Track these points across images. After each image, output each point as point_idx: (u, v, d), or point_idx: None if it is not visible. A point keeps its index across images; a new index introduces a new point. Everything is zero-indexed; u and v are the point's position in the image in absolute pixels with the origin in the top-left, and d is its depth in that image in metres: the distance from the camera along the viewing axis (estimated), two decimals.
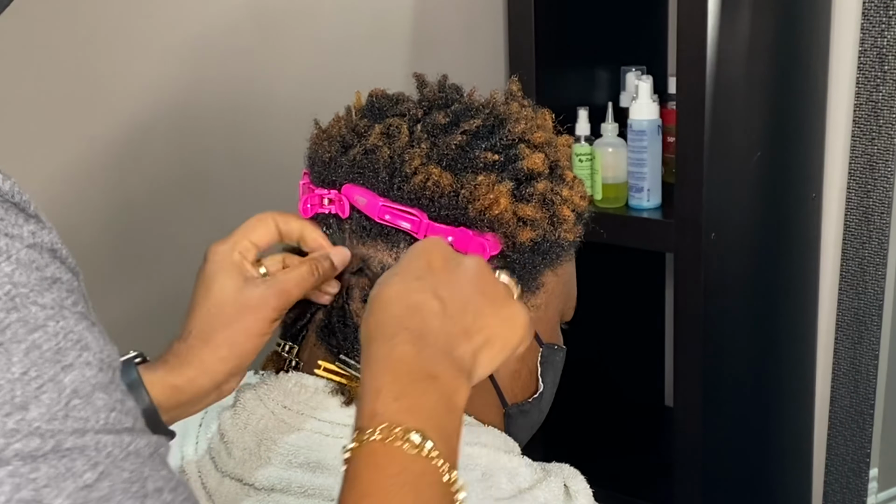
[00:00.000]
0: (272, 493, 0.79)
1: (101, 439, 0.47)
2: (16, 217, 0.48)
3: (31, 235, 0.48)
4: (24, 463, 0.44)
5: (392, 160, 0.81)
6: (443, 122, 0.82)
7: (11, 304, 0.46)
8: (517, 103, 0.87)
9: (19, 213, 0.48)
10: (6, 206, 0.48)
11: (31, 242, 0.48)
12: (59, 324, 0.47)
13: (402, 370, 0.62)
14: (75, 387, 0.47)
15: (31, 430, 0.45)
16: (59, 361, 0.47)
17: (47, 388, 0.46)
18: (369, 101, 0.87)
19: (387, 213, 0.80)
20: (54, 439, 0.45)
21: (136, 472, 0.48)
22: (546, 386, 0.88)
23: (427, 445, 0.58)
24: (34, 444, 0.45)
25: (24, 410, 0.45)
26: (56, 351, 0.47)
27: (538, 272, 0.84)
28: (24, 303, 0.46)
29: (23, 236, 0.48)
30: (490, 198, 0.80)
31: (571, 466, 0.83)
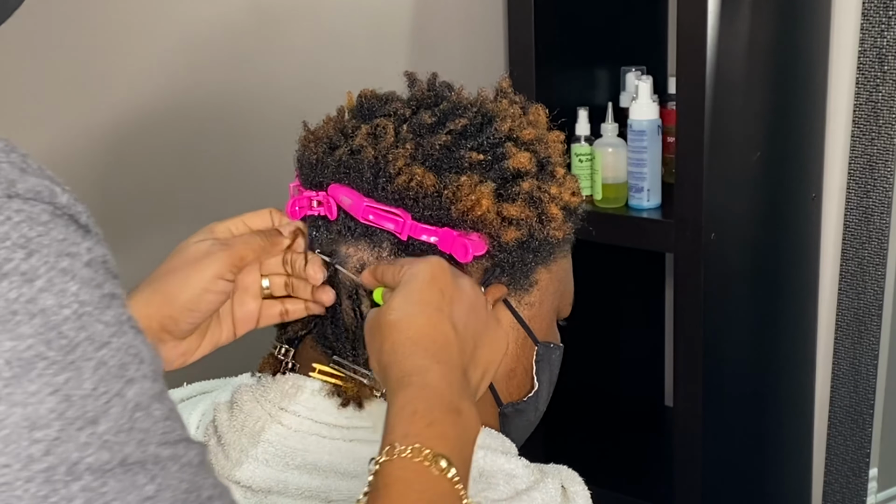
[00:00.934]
0: (269, 494, 0.79)
1: (160, 452, 0.50)
2: (75, 234, 0.50)
3: (88, 252, 0.50)
4: (95, 477, 0.47)
5: (377, 160, 0.81)
6: (429, 122, 0.82)
7: (80, 322, 0.48)
8: (507, 100, 0.87)
9: (77, 228, 0.50)
10: (66, 222, 0.49)
11: (88, 259, 0.50)
12: (121, 339, 0.50)
13: (435, 401, 0.68)
14: (137, 400, 0.49)
15: (101, 444, 0.47)
16: (122, 376, 0.49)
17: (114, 403, 0.48)
18: (359, 101, 0.87)
19: (371, 213, 0.80)
20: (122, 453, 0.48)
21: (192, 482, 0.51)
22: (542, 384, 0.87)
23: (452, 471, 0.64)
24: (104, 457, 0.47)
25: (94, 424, 0.47)
26: (120, 366, 0.49)
27: (530, 270, 0.84)
28: (90, 321, 0.48)
29: (81, 254, 0.49)
30: (472, 199, 0.79)
31: (569, 468, 0.82)
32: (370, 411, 0.81)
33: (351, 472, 0.78)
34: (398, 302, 0.73)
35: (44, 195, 0.49)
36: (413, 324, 0.72)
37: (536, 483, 0.78)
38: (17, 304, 0.46)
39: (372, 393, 0.81)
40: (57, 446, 0.46)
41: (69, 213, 0.50)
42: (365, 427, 0.81)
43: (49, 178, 0.50)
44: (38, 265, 0.47)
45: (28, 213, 0.48)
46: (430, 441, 0.65)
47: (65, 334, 0.47)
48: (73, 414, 0.47)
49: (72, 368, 0.47)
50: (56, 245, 0.48)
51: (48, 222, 0.48)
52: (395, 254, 0.81)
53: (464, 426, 0.68)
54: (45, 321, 0.47)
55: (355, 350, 0.82)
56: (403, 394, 0.68)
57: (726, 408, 1.64)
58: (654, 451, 1.96)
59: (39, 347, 0.46)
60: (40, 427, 0.46)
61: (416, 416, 0.66)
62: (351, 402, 0.81)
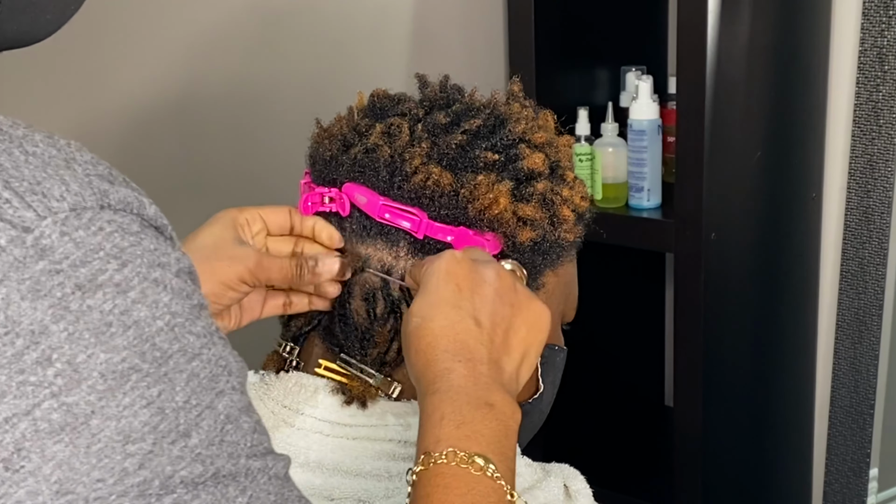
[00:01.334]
0: None
1: (250, 465, 0.50)
2: (164, 244, 0.49)
3: (177, 262, 0.50)
4: (187, 490, 0.47)
5: (392, 159, 0.81)
6: (443, 122, 0.83)
7: (172, 334, 0.48)
8: (518, 104, 0.87)
9: (166, 239, 0.50)
10: (154, 233, 0.49)
11: (177, 269, 0.49)
12: (211, 351, 0.50)
13: (462, 400, 0.67)
14: (227, 412, 0.50)
15: (194, 457, 0.47)
16: (213, 388, 0.49)
17: (206, 415, 0.48)
18: (371, 100, 0.87)
19: (387, 211, 0.80)
20: (214, 466, 0.48)
21: (279, 495, 0.51)
22: (546, 386, 0.87)
23: (490, 468, 0.64)
24: (197, 470, 0.47)
25: (187, 437, 0.47)
26: (210, 378, 0.49)
27: (538, 273, 0.84)
28: (182, 333, 0.48)
29: (171, 264, 0.49)
30: (490, 197, 0.80)
31: (572, 467, 0.83)
32: (374, 411, 0.81)
33: (354, 471, 0.79)
34: (416, 307, 0.72)
35: (133, 206, 0.49)
36: (432, 327, 0.71)
37: (539, 482, 0.78)
38: (111, 316, 0.46)
39: (377, 393, 0.81)
40: (151, 460, 0.46)
41: (155, 224, 0.50)
42: (369, 425, 0.81)
43: (136, 189, 0.50)
44: (132, 276, 0.47)
45: (119, 223, 0.47)
46: (462, 442, 0.64)
47: (158, 346, 0.47)
48: (166, 427, 0.47)
49: (165, 381, 0.47)
50: (148, 255, 0.48)
51: (139, 232, 0.48)
52: (411, 253, 0.81)
53: (498, 419, 0.67)
54: (139, 333, 0.47)
55: (364, 349, 0.82)
56: (430, 401, 0.68)
57: (726, 408, 1.64)
58: (654, 451, 1.96)
59: (134, 360, 0.46)
60: (134, 440, 0.46)
61: (444, 420, 0.66)
62: (355, 400, 0.81)
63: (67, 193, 0.46)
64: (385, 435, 0.80)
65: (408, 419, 0.81)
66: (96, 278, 0.46)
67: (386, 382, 0.81)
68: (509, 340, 0.73)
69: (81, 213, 0.46)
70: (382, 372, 0.82)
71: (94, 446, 0.45)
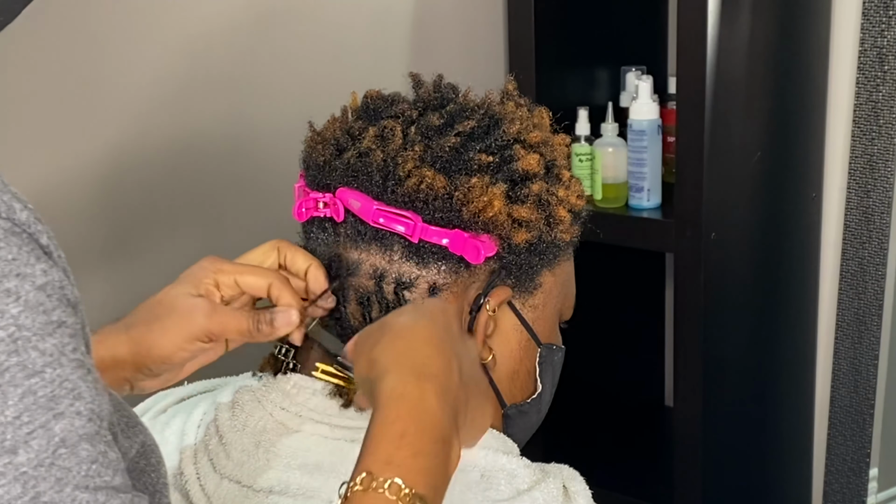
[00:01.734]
0: (270, 495, 0.78)
1: (77, 496, 0.47)
2: (28, 255, 0.47)
3: (43, 274, 0.48)
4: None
5: (386, 163, 0.81)
6: (437, 124, 0.82)
7: (13, 346, 0.46)
8: (513, 103, 0.87)
9: (34, 248, 0.48)
10: (21, 241, 0.48)
11: (41, 283, 0.48)
12: (55, 371, 0.48)
13: (428, 426, 0.65)
14: (63, 436, 0.47)
15: (17, 475, 0.45)
16: (51, 409, 0.47)
17: (37, 434, 0.46)
18: (364, 102, 0.87)
19: (381, 216, 0.80)
20: (35, 489, 0.46)
21: None
22: (544, 386, 0.87)
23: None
24: (16, 491, 0.45)
25: (12, 454, 0.45)
26: (50, 398, 0.47)
27: (535, 272, 0.84)
28: (25, 346, 0.46)
29: (34, 275, 0.47)
30: (484, 200, 0.79)
31: (571, 467, 0.82)
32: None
33: None
34: (408, 308, 0.72)
35: (0, 210, 0.47)
36: (420, 330, 0.70)
37: (538, 483, 0.78)
38: None
39: None
40: None
41: (28, 231, 0.48)
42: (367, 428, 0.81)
43: (11, 193, 0.48)
44: None
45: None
46: (412, 476, 0.61)
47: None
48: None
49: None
50: (3, 265, 0.46)
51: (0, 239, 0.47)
52: (406, 257, 0.81)
53: (448, 461, 0.65)
54: None
55: None
56: (395, 406, 0.65)
57: (726, 408, 1.64)
58: (654, 451, 1.96)
59: None
60: None
61: (403, 439, 0.63)
62: (353, 403, 0.81)
63: None
64: None
65: None
66: None
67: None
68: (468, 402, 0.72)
69: None
70: None
71: None
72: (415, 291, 0.81)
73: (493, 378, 0.84)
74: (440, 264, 0.81)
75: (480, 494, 0.77)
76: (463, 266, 0.81)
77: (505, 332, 0.84)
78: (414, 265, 0.80)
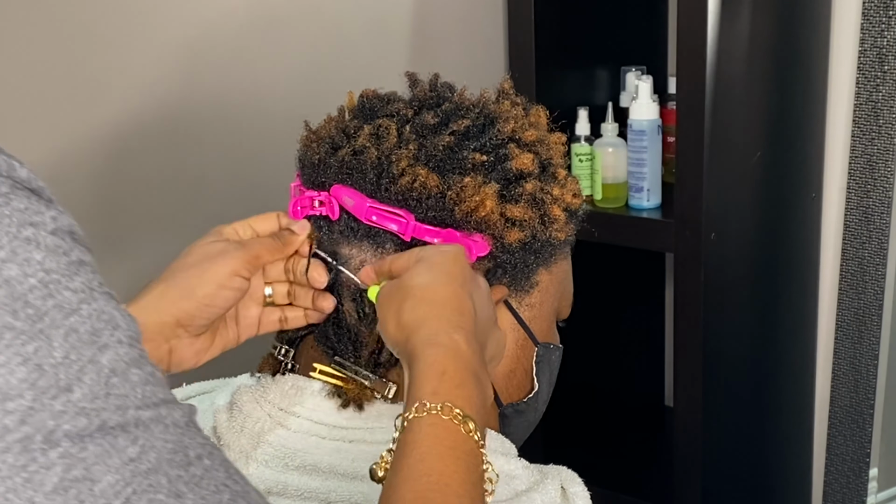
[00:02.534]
0: (268, 496, 0.78)
1: (141, 415, 0.49)
2: (37, 203, 0.49)
3: (53, 221, 0.49)
4: (73, 443, 0.46)
5: (380, 161, 0.81)
6: (431, 123, 0.82)
7: (46, 290, 0.47)
8: (509, 102, 0.87)
9: (39, 199, 0.50)
10: (26, 194, 0.49)
11: (53, 228, 0.49)
12: (91, 306, 0.49)
13: (462, 364, 0.69)
14: (113, 366, 0.49)
15: (77, 411, 0.47)
16: (95, 343, 0.49)
17: (88, 370, 0.48)
18: (360, 101, 0.87)
19: (374, 213, 0.80)
20: (99, 418, 0.47)
21: (178, 442, 0.50)
22: (541, 385, 0.87)
23: (478, 434, 0.66)
24: (81, 423, 0.47)
25: (68, 392, 0.47)
26: (92, 332, 0.49)
27: (531, 271, 0.84)
28: (57, 289, 0.48)
29: (45, 223, 0.49)
30: (476, 199, 0.79)
31: (569, 469, 0.82)
32: (370, 413, 0.81)
33: (351, 473, 0.78)
34: (422, 268, 0.74)
35: (2, 168, 0.49)
36: (441, 290, 0.73)
37: (536, 484, 0.78)
38: None
39: (373, 395, 0.81)
40: (31, 415, 0.46)
41: (30, 186, 0.50)
42: (365, 428, 0.81)
43: (6, 154, 0.50)
44: (0, 235, 0.47)
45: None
46: (459, 402, 0.66)
47: (31, 303, 0.47)
48: (45, 383, 0.46)
49: (41, 337, 0.47)
50: (18, 215, 0.48)
51: (8, 193, 0.48)
52: None
53: (484, 392, 0.70)
54: (10, 291, 0.46)
55: (357, 351, 0.82)
56: (432, 352, 0.68)
57: (726, 408, 1.64)
58: (654, 451, 1.96)
59: (6, 318, 0.46)
60: (12, 398, 0.45)
61: (445, 375, 0.67)
62: (351, 403, 0.81)
63: None
64: (382, 437, 0.80)
65: None
66: None
67: (381, 384, 0.81)
68: (487, 339, 0.76)
69: None
70: (377, 373, 0.81)
71: None
72: None
73: None
74: None
75: None
76: None
77: (502, 331, 0.84)
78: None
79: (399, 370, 0.81)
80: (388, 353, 0.81)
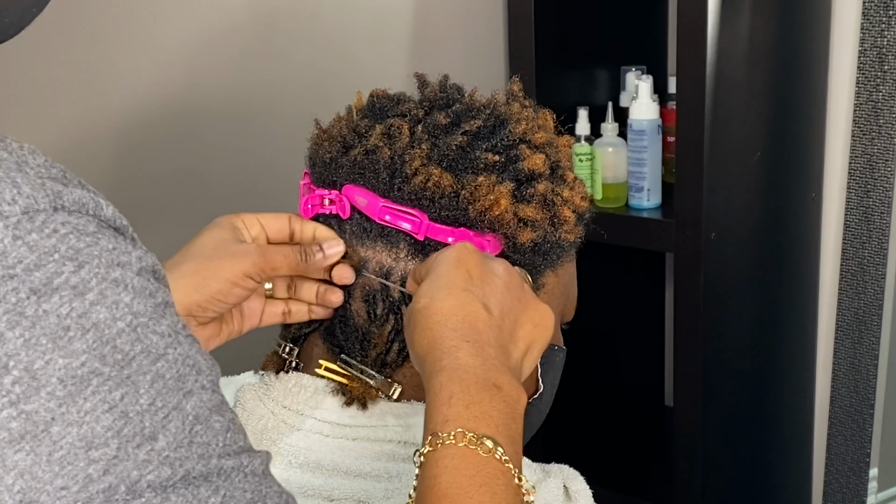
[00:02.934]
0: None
1: (223, 465, 0.49)
2: (124, 243, 0.48)
3: (139, 261, 0.49)
4: (156, 494, 0.46)
5: (393, 161, 0.81)
6: (444, 123, 0.82)
7: (134, 335, 0.47)
8: (518, 104, 0.87)
9: (126, 238, 0.49)
10: (112, 233, 0.48)
11: (139, 268, 0.48)
12: (176, 350, 0.48)
13: (470, 380, 0.65)
14: (196, 413, 0.48)
15: (161, 460, 0.46)
16: (180, 389, 0.48)
17: (172, 417, 0.47)
18: (370, 101, 0.87)
19: (387, 213, 0.80)
20: (183, 468, 0.47)
21: (256, 492, 0.50)
22: (546, 386, 0.87)
23: (499, 451, 0.62)
24: (165, 473, 0.46)
25: (153, 441, 0.46)
26: (177, 378, 0.48)
27: (539, 273, 0.85)
28: (145, 333, 0.47)
29: (132, 263, 0.48)
30: (490, 199, 0.80)
31: (571, 467, 0.83)
32: (374, 412, 0.81)
33: (354, 471, 0.79)
34: (424, 289, 0.72)
35: (89, 207, 0.48)
36: (440, 307, 0.70)
37: (539, 482, 0.78)
38: (69, 320, 0.45)
39: (377, 394, 0.81)
40: (115, 465, 0.45)
41: (114, 225, 0.49)
42: (369, 426, 0.81)
43: (92, 191, 0.49)
44: (89, 277, 0.46)
45: (74, 224, 0.46)
46: (471, 423, 0.63)
47: (119, 348, 0.46)
48: (130, 431, 0.46)
49: (128, 383, 0.46)
50: (106, 255, 0.47)
51: (95, 233, 0.47)
52: (412, 255, 0.81)
53: (506, 401, 0.66)
54: (99, 335, 0.45)
55: (364, 351, 0.82)
56: (437, 379, 0.66)
57: (726, 408, 1.64)
58: (654, 451, 1.96)
59: (94, 363, 0.45)
60: (97, 446, 0.45)
61: (452, 399, 0.64)
62: (355, 401, 0.81)
63: (19, 196, 0.45)
64: (385, 436, 0.80)
65: (408, 420, 0.81)
66: (52, 281, 0.45)
67: (386, 384, 0.81)
68: (516, 332, 0.72)
69: (34, 216, 0.45)
70: (383, 373, 0.82)
71: (56, 454, 0.44)
72: None
73: None
74: None
75: None
76: None
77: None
78: (419, 263, 0.81)
79: (404, 370, 0.82)
80: (395, 354, 0.82)
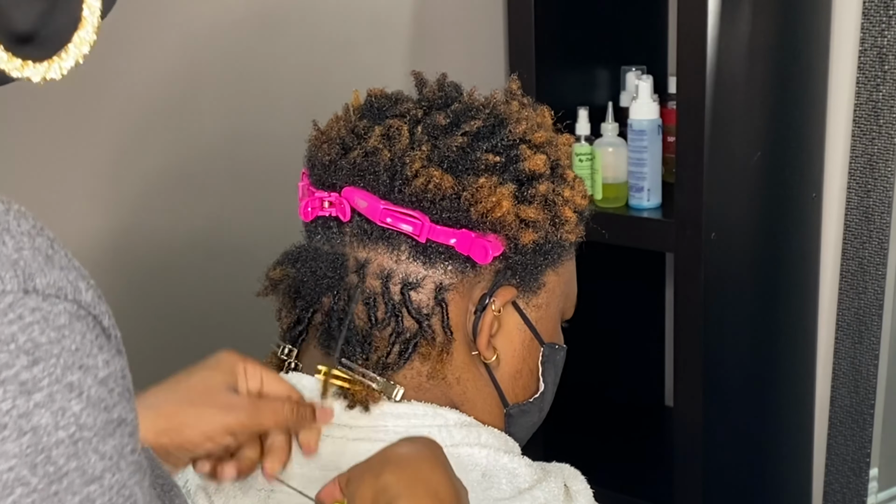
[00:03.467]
0: (272, 493, 0.79)
1: None
2: (91, 344, 0.44)
3: (105, 365, 0.45)
4: None
5: (393, 163, 0.80)
6: (443, 124, 0.82)
7: (73, 449, 0.43)
8: (517, 102, 0.87)
9: (98, 333, 0.45)
10: (85, 326, 0.44)
11: (104, 375, 0.45)
12: (114, 477, 0.45)
13: None
14: None
15: None
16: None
17: None
18: (368, 100, 0.87)
19: (388, 215, 0.80)
20: None
21: None
22: (547, 385, 0.87)
23: None
24: None
25: None
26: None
27: (540, 272, 0.84)
28: (85, 449, 0.43)
29: (96, 367, 0.44)
30: (492, 200, 0.79)
31: (572, 466, 0.83)
32: (375, 413, 0.81)
33: None
34: (404, 443, 0.70)
35: (66, 291, 0.44)
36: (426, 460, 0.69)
37: (539, 481, 0.78)
38: (7, 418, 0.41)
39: (380, 397, 0.81)
40: None
41: (93, 313, 0.45)
42: (370, 426, 0.81)
43: (76, 269, 0.45)
44: (42, 376, 0.42)
45: (44, 313, 0.43)
46: None
47: (53, 460, 0.42)
48: None
49: (53, 501, 0.42)
50: (67, 356, 0.43)
51: (64, 327, 0.43)
52: (413, 257, 0.81)
53: None
54: (36, 441, 0.42)
55: (365, 354, 0.81)
56: None
57: (726, 408, 1.64)
58: (654, 451, 1.96)
59: (22, 471, 0.41)
60: None
61: None
62: (358, 405, 0.81)
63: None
64: (385, 436, 0.79)
65: (409, 421, 0.81)
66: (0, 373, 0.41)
67: (389, 386, 0.81)
68: None
69: (1, 298, 0.42)
70: (384, 375, 0.81)
71: None
72: (421, 292, 0.81)
73: (496, 378, 0.85)
74: (447, 264, 0.81)
75: (482, 493, 0.77)
76: (469, 266, 0.81)
77: (509, 331, 0.84)
78: (421, 265, 0.80)
79: (405, 371, 0.81)
80: (396, 356, 0.81)
